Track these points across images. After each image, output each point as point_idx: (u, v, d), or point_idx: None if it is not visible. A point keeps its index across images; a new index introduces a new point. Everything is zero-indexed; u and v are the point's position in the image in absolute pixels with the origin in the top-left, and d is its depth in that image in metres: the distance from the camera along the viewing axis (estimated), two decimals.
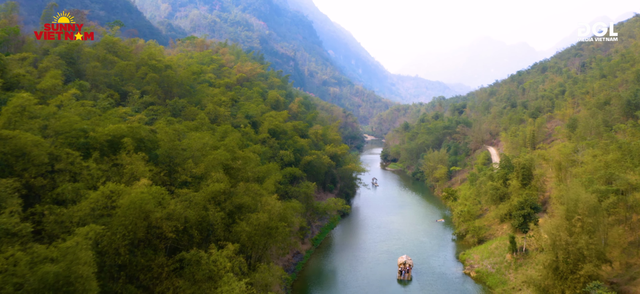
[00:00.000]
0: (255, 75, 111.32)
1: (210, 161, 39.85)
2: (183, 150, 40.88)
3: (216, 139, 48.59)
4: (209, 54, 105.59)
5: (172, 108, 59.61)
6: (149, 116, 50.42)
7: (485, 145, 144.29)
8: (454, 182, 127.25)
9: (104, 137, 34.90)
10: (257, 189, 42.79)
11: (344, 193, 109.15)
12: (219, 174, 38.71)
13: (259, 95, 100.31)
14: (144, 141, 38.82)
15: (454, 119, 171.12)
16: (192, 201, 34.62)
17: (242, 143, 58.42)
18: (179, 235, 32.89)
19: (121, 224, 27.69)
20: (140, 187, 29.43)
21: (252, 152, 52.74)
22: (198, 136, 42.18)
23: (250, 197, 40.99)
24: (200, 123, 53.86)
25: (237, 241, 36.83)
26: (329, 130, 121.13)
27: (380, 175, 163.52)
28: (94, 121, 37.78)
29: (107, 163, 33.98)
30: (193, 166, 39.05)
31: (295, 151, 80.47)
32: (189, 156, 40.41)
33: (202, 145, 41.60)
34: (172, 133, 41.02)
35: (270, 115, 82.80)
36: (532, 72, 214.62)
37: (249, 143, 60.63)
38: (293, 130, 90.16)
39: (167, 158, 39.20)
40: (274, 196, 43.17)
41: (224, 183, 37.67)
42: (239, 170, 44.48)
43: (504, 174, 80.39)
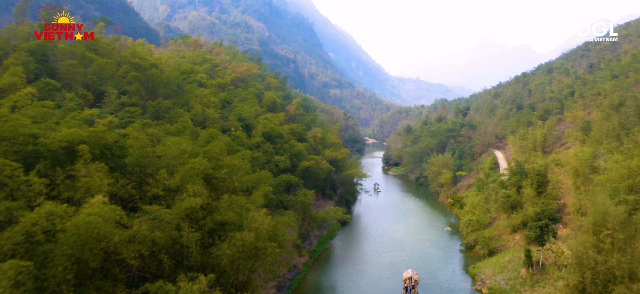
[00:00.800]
0: (251, 75, 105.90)
1: (187, 172, 34.26)
2: (158, 158, 35.38)
3: (200, 144, 43.09)
4: (202, 54, 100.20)
5: (154, 110, 54.21)
6: (125, 119, 45.01)
7: (492, 149, 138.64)
8: (459, 188, 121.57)
9: (57, 144, 29.40)
10: (243, 203, 37.20)
11: (345, 200, 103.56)
12: (197, 186, 33.14)
13: (255, 96, 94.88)
14: (111, 148, 33.38)
15: (458, 122, 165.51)
16: (163, 219, 29.18)
17: (232, 148, 53.04)
18: (145, 261, 27.43)
19: (64, 254, 22.23)
20: (91, 206, 24.00)
21: (242, 159, 47.16)
22: (174, 142, 36.54)
23: (235, 212, 35.43)
24: (183, 127, 48.29)
25: (217, 266, 31.34)
26: (329, 133, 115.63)
27: (382, 180, 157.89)
28: (49, 125, 32.29)
29: (61, 175, 28.54)
30: (166, 177, 33.52)
31: (291, 157, 75.01)
32: (163, 165, 34.92)
33: (180, 152, 36.00)
34: (144, 138, 35.51)
35: (265, 118, 77.35)
36: (538, 73, 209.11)
37: (240, 149, 55.22)
38: (290, 134, 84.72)
39: (138, 168, 33.73)
40: (263, 211, 37.53)
41: (201, 198, 32.18)
42: (223, 181, 38.99)
43: (516, 181, 74.72)
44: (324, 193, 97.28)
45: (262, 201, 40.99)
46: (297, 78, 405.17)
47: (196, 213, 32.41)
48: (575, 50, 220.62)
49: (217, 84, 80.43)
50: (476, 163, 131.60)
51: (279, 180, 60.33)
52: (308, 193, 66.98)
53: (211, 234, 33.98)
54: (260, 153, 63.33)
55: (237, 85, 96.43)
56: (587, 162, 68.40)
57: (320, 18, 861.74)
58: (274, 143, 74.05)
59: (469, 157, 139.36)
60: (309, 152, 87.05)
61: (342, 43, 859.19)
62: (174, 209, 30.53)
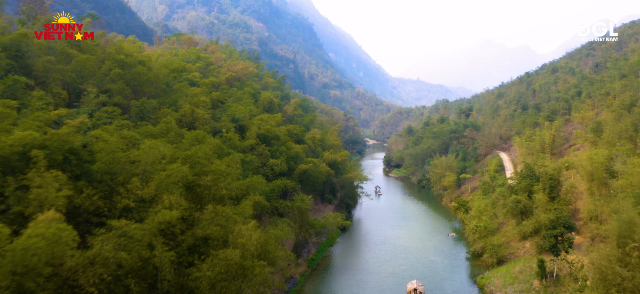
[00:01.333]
0: (247, 74, 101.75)
1: (163, 180, 29.99)
2: (131, 163, 31.19)
3: (184, 148, 38.84)
4: (196, 52, 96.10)
5: (138, 110, 50.07)
6: (102, 119, 40.85)
7: (496, 151, 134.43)
8: (463, 191, 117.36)
9: (8, 149, 25.21)
10: (229, 214, 32.96)
11: (345, 204, 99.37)
12: (174, 196, 28.93)
13: (251, 96, 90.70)
14: (79, 153, 29.25)
15: (461, 123, 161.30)
16: (132, 236, 25.04)
17: (222, 151, 48.94)
18: (109, 286, 23.32)
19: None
20: (35, 225, 19.87)
21: (231, 163, 42.91)
22: (150, 145, 32.21)
23: (220, 226, 31.23)
24: (166, 128, 44.01)
25: (196, 289, 27.14)
26: (328, 134, 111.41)
27: (383, 182, 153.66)
28: (4, 126, 28.04)
29: (12, 186, 24.37)
30: (139, 187, 29.31)
31: (288, 159, 70.80)
32: (137, 172, 30.77)
33: (157, 157, 31.71)
34: (117, 141, 31.31)
35: (260, 119, 73.18)
36: (542, 73, 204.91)
37: (231, 152, 51.09)
38: (287, 135, 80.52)
39: (108, 176, 29.58)
40: (252, 223, 33.31)
41: (179, 210, 28.02)
42: (207, 189, 34.82)
43: (526, 185, 70.50)
44: (323, 197, 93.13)
45: (251, 211, 36.76)
46: (297, 78, 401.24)
47: (173, 228, 28.25)
48: (579, 49, 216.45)
49: (211, 83, 76.27)
50: (480, 165, 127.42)
51: (273, 185, 56.10)
52: (306, 199, 62.78)
53: (191, 251, 29.78)
54: (254, 156, 59.17)
55: (232, 84, 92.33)
56: (603, 165, 64.18)
57: (320, 19, 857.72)
58: (270, 146, 69.92)
59: (473, 159, 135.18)
60: (307, 155, 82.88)
61: (342, 44, 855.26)
62: (146, 224, 26.41)
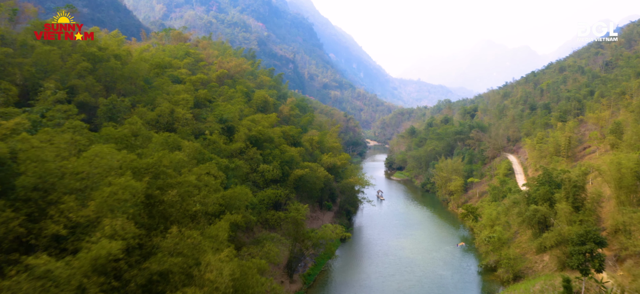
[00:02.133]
0: (240, 72, 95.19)
1: (106, 199, 23.22)
2: (75, 175, 24.50)
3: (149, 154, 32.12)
4: (185, 48, 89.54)
5: (107, 109, 43.53)
6: (54, 120, 34.35)
7: (504, 153, 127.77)
8: (471, 196, 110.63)
9: None
10: (197, 241, 26.15)
11: (345, 211, 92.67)
12: (119, 220, 22.23)
13: (243, 95, 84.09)
14: (4, 163, 22.73)
15: (467, 123, 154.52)
16: (56, 279, 18.49)
17: (203, 157, 42.46)
18: None
19: None
20: None
21: (210, 171, 36.27)
22: (95, 153, 25.49)
23: (183, 257, 24.50)
24: (133, 131, 37.18)
25: None
26: (327, 136, 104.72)
27: (385, 186, 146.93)
28: None
29: None
30: (75, 207, 22.67)
31: (283, 164, 64.19)
32: (79, 187, 24.16)
33: (104, 167, 24.96)
34: (56, 149, 24.69)
35: (251, 120, 66.58)
36: (549, 72, 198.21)
37: (214, 157, 44.55)
38: (282, 137, 73.90)
39: (37, 193, 22.99)
40: (225, 252, 26.60)
41: (126, 239, 21.43)
42: (172, 206, 28.14)
43: (545, 192, 63.75)
44: (322, 204, 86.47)
45: (226, 235, 29.94)
46: (297, 78, 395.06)
47: (118, 262, 21.67)
48: (587, 48, 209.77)
49: (198, 80, 69.71)
50: (488, 169, 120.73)
51: (263, 195, 49.44)
52: (301, 208, 56.13)
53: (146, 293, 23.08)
54: (242, 161, 52.54)
55: (224, 82, 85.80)
56: (633, 171, 57.41)
57: (320, 19, 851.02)
58: (262, 149, 63.33)
59: (480, 162, 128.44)
60: (304, 158, 76.22)
61: (343, 44, 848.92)
62: (78, 260, 19.80)
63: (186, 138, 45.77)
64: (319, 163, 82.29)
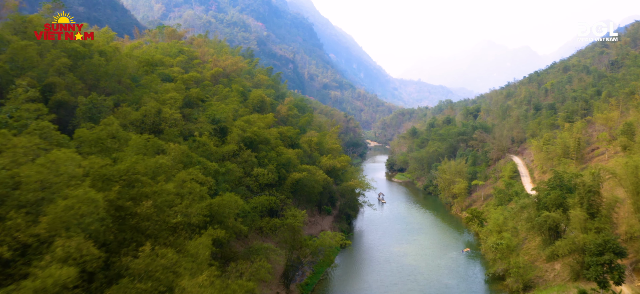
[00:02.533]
0: (236, 70, 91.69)
1: (59, 214, 19.55)
2: (28, 186, 21.04)
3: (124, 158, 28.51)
4: (178, 45, 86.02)
5: (86, 108, 40.05)
6: (21, 121, 30.86)
7: (509, 154, 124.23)
8: (475, 199, 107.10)
9: None
10: (172, 262, 22.49)
11: (345, 215, 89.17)
12: (76, 240, 18.63)
13: (239, 94, 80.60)
14: None
15: (470, 124, 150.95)
16: None
17: (190, 161, 39.07)
18: None
19: None
20: None
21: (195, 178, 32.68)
22: (51, 159, 21.70)
23: (155, 281, 20.91)
24: (109, 133, 33.49)
25: None
26: (327, 137, 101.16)
27: (386, 188, 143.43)
28: None
29: None
30: (23, 225, 19.11)
31: (279, 167, 60.66)
32: (32, 200, 20.62)
33: (64, 176, 21.31)
34: (7, 155, 21.12)
35: (245, 120, 63.08)
36: (552, 71, 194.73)
37: (202, 161, 41.09)
38: (278, 139, 70.38)
39: None
40: (204, 274, 22.99)
41: (78, 266, 17.88)
42: (147, 220, 24.65)
43: (557, 197, 60.19)
44: (321, 208, 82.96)
45: (207, 253, 26.28)
46: (297, 79, 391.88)
47: (73, 291, 18.16)
48: (591, 47, 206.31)
49: (190, 79, 66.26)
50: (493, 171, 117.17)
51: (255, 202, 45.87)
52: (298, 215, 52.62)
53: None
54: (234, 165, 48.99)
55: (219, 81, 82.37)
56: None
57: (320, 19, 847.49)
58: (257, 151, 59.80)
59: (484, 163, 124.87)
60: (303, 160, 72.70)
61: (343, 44, 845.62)
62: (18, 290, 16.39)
63: (173, 140, 42.28)
64: (318, 165, 78.77)
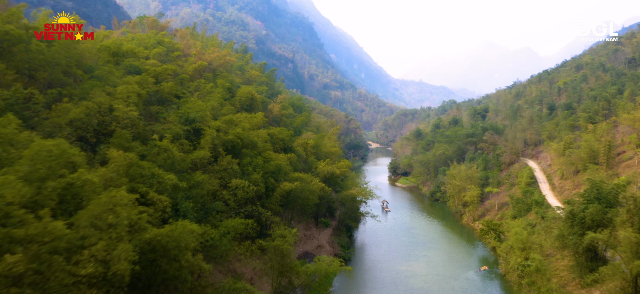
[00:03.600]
0: (224, 64, 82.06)
1: None
2: None
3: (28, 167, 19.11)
4: (158, 36, 76.25)
5: (7, 104, 30.58)
6: None
7: (523, 158, 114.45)
8: (488, 208, 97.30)
9: None
10: None
11: (344, 226, 79.45)
12: None
13: (226, 90, 71.04)
14: None
15: (479, 125, 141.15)
16: None
17: (140, 173, 29.69)
18: None
19: None
20: None
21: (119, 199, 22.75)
22: None
23: None
24: (7, 137, 23.75)
25: None
26: (325, 139, 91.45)
27: (389, 193, 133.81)
28: None
29: None
30: None
31: (266, 176, 51.02)
32: None
33: None
34: None
35: (227, 120, 53.47)
36: (564, 70, 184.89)
37: (158, 173, 31.48)
38: (269, 142, 60.72)
39: None
40: None
41: None
42: (17, 283, 15.22)
43: (596, 212, 50.48)
44: (318, 220, 73.27)
45: None
46: (296, 78, 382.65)
47: None
48: (603, 44, 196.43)
49: (166, 72, 56.68)
50: (506, 176, 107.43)
51: (227, 226, 35.94)
52: (288, 235, 43.07)
53: None
54: (206, 175, 39.30)
55: (202, 76, 72.86)
56: None
57: (321, 19, 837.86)
58: (240, 157, 50.23)
59: (496, 168, 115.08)
60: (296, 167, 63.06)
61: (344, 45, 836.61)
62: None
63: (124, 144, 32.73)
64: (314, 172, 69.09)
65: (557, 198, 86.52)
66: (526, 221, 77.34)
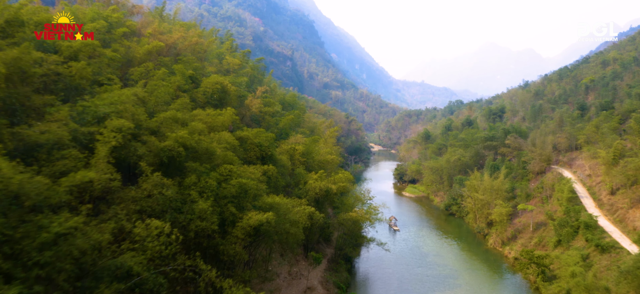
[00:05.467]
0: (190, 49, 64.34)
1: None
2: None
3: None
4: (106, 12, 58.83)
5: None
6: None
7: (555, 167, 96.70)
8: (519, 228, 79.58)
9: None
10: None
11: (342, 255, 61.86)
12: None
13: (186, 79, 53.60)
14: None
15: (499, 127, 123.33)
16: None
17: None
18: None
19: None
20: None
21: None
22: None
23: None
24: None
25: None
26: (320, 144, 73.83)
27: (395, 205, 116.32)
28: None
29: None
30: None
31: (223, 203, 33.47)
32: None
33: None
34: None
35: (170, 117, 36.03)
36: (589, 66, 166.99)
37: None
38: (238, 149, 43.18)
39: None
40: None
41: None
42: None
43: None
44: (307, 250, 55.62)
45: None
46: (295, 77, 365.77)
47: None
48: (631, 38, 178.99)
49: (84, 50, 39.27)
50: (538, 188, 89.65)
51: None
52: None
53: None
54: (77, 218, 21.64)
55: (159, 59, 55.49)
56: None
57: (322, 19, 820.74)
58: (182, 174, 32.96)
59: (524, 178, 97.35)
60: (276, 184, 45.48)
61: (345, 45, 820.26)
62: None
63: None
64: (302, 190, 51.44)
65: (610, 220, 68.98)
66: (577, 252, 59.83)
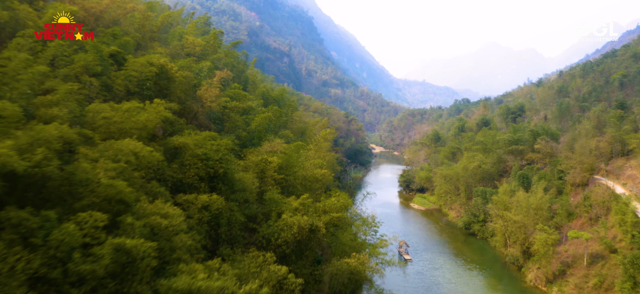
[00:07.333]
0: (127, 18, 46.04)
1: None
2: None
3: None
4: None
5: None
6: None
7: (600, 178, 78.54)
8: (568, 261, 61.50)
9: None
10: None
11: None
12: None
13: (101, 59, 35.74)
14: None
15: (525, 128, 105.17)
16: None
17: None
18: None
19: None
20: None
21: None
22: None
23: None
24: None
25: None
26: (306, 154, 55.77)
27: (402, 219, 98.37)
28: None
29: None
30: None
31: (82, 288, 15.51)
32: None
33: None
34: None
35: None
36: (618, 60, 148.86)
37: None
38: (143, 171, 25.08)
39: None
40: None
41: None
42: None
43: None
44: None
45: None
46: (292, 74, 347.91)
47: None
48: None
49: None
50: (582, 205, 71.55)
51: None
52: None
53: None
54: None
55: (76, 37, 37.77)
56: None
57: (322, 17, 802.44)
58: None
59: (560, 192, 79.37)
60: (231, 217, 27.48)
61: (345, 43, 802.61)
62: None
63: None
64: (274, 226, 33.44)
65: None
66: None
